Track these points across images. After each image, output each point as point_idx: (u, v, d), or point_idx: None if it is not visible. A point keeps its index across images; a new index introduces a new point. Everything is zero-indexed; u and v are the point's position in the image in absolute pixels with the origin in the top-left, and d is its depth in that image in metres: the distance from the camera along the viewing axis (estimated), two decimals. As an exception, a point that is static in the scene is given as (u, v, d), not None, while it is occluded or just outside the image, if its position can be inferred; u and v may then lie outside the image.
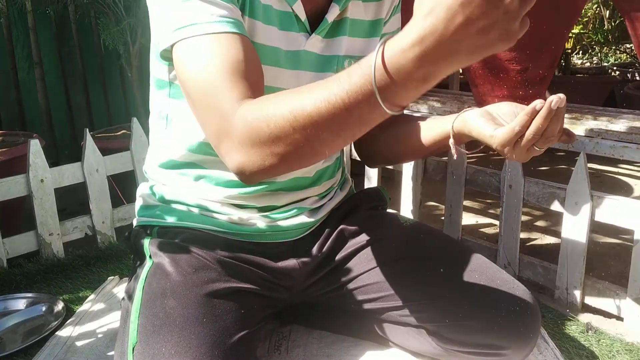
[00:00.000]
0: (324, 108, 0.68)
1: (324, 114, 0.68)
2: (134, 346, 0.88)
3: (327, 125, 0.69)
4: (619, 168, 2.69)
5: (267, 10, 0.94)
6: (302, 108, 0.70)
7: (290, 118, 0.70)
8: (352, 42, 1.05)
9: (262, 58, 0.90)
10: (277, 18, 0.96)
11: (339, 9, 0.99)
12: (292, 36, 0.97)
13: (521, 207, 1.50)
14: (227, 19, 0.83)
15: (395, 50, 0.62)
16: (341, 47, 1.03)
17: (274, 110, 0.72)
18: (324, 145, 0.73)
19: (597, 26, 3.94)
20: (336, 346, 1.20)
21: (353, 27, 1.04)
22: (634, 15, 1.42)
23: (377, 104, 0.65)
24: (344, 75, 0.67)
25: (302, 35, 0.99)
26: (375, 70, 0.64)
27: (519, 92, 1.63)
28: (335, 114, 0.68)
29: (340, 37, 1.03)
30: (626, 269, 1.34)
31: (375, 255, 1.12)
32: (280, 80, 0.98)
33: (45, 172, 1.71)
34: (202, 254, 1.00)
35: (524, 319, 1.01)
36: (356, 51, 1.06)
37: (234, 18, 0.84)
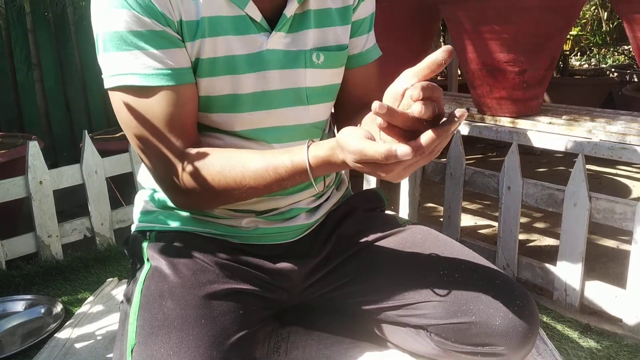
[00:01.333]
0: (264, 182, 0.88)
1: (261, 188, 0.89)
2: (133, 348, 0.88)
3: (257, 192, 0.91)
4: (617, 169, 2.69)
5: (215, 22, 0.92)
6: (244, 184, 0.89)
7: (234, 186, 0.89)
8: (322, 34, 1.03)
9: (218, 69, 0.94)
10: (230, 25, 0.94)
11: (297, 2, 0.97)
12: (250, 39, 0.96)
13: (520, 209, 1.50)
14: (161, 71, 0.89)
15: (314, 159, 0.83)
16: (307, 41, 1.01)
17: (218, 179, 0.90)
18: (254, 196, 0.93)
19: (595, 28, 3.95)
20: (335, 347, 1.20)
21: (319, 18, 1.02)
22: (632, 17, 1.43)
23: (301, 179, 0.86)
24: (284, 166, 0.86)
25: (262, 35, 0.97)
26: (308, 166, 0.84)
27: (517, 93, 1.63)
28: (267, 187, 0.89)
29: (306, 31, 1.01)
30: (625, 270, 1.34)
31: (373, 257, 1.12)
32: (244, 86, 0.97)
33: (44, 173, 1.71)
34: (200, 256, 1.01)
35: (522, 320, 1.01)
36: (329, 41, 1.04)
37: (168, 69, 0.90)
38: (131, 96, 0.90)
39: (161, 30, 0.89)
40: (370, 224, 1.16)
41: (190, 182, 0.91)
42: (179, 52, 0.91)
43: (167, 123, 0.91)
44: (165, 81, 0.90)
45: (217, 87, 0.96)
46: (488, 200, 2.29)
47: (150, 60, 0.89)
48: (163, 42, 0.89)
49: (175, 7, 0.89)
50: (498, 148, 3.05)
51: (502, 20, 1.53)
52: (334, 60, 1.05)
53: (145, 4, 0.87)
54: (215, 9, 0.92)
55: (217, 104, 0.98)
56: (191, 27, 0.91)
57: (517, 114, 1.66)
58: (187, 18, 0.91)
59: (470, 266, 1.07)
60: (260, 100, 0.99)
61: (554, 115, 1.64)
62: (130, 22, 0.87)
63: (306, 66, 1.01)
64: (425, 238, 1.14)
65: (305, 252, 1.11)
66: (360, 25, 1.10)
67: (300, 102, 1.03)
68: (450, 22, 1.74)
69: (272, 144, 1.02)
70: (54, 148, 2.89)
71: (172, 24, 0.90)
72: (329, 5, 1.03)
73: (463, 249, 1.13)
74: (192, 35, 0.92)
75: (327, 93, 1.07)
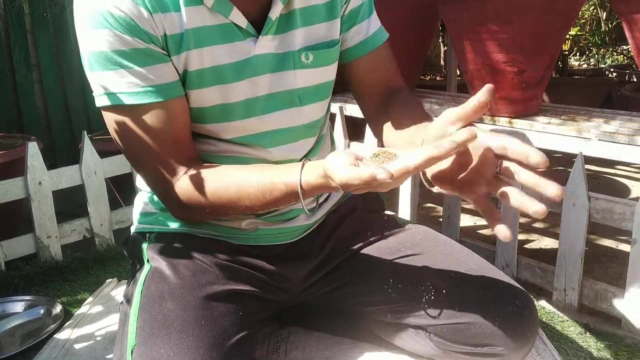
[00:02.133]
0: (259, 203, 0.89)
1: (257, 207, 0.90)
2: (133, 349, 0.88)
3: (254, 211, 0.92)
4: (616, 169, 2.69)
5: (200, 33, 0.91)
6: (239, 203, 0.90)
7: (229, 205, 0.91)
8: (309, 32, 1.01)
9: (206, 81, 0.93)
10: (216, 34, 0.93)
11: (281, 3, 0.95)
12: (237, 46, 0.94)
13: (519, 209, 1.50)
14: (147, 88, 0.89)
15: (306, 184, 0.83)
16: (294, 41, 1.00)
17: (213, 200, 0.91)
18: (251, 212, 0.95)
19: (594, 28, 3.96)
20: (335, 348, 1.20)
21: (306, 16, 1.00)
22: (631, 17, 1.43)
23: (295, 200, 0.86)
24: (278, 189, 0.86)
25: (250, 40, 0.95)
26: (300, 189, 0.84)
27: (516, 93, 1.63)
28: (263, 207, 0.90)
29: (293, 31, 0.99)
30: (624, 270, 1.35)
31: (372, 257, 1.12)
32: (234, 94, 0.96)
33: (43, 174, 1.71)
34: (199, 257, 1.01)
35: (522, 320, 1.01)
36: (319, 38, 1.02)
37: (155, 85, 0.89)
38: (121, 115, 0.91)
39: (145, 47, 0.88)
40: (370, 224, 1.16)
41: (185, 200, 0.93)
42: (165, 67, 0.91)
43: (159, 140, 0.91)
44: (152, 98, 0.89)
45: (206, 98, 0.95)
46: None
47: (136, 79, 0.88)
48: (148, 59, 0.89)
49: (158, 23, 0.88)
50: (497, 148, 3.05)
51: (501, 21, 1.53)
52: (324, 59, 1.04)
53: (126, 22, 0.86)
54: (198, 20, 0.91)
55: (208, 115, 0.97)
56: (176, 40, 0.90)
57: (516, 114, 1.66)
58: (171, 32, 0.90)
59: (469, 266, 1.07)
60: (252, 106, 0.98)
61: (552, 116, 1.64)
62: (113, 41, 0.86)
63: (295, 67, 1.00)
64: (424, 238, 1.14)
65: (305, 253, 1.11)
66: (359, 12, 1.08)
67: (292, 104, 1.02)
68: (449, 22, 1.74)
69: (268, 148, 1.01)
70: (53, 149, 2.90)
71: (156, 40, 0.89)
72: (314, 2, 1.01)
73: (462, 249, 1.13)
74: (177, 49, 0.91)
75: (320, 92, 1.06)
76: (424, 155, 0.70)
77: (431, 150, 0.70)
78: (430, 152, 0.70)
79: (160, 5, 0.88)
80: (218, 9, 0.91)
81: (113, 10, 0.85)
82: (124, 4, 0.86)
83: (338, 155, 0.78)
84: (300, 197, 0.84)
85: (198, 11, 0.90)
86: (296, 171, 0.84)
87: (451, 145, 0.69)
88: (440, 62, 3.85)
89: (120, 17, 0.86)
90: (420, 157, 0.70)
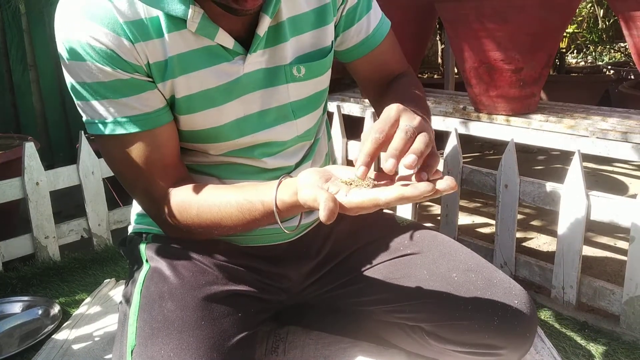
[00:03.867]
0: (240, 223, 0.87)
1: (240, 228, 0.89)
2: (133, 349, 0.88)
3: (238, 231, 0.91)
4: (613, 167, 2.69)
5: (185, 59, 0.89)
6: (222, 224, 0.89)
7: (213, 227, 0.90)
8: (299, 41, 0.98)
9: (196, 106, 0.92)
10: (202, 58, 0.90)
11: (269, 17, 0.91)
12: (225, 68, 0.91)
13: (517, 207, 1.50)
14: (134, 117, 0.88)
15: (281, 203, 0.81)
16: (285, 54, 0.96)
17: (197, 221, 0.90)
18: (235, 232, 0.93)
19: (591, 25, 3.96)
20: (333, 347, 1.20)
21: (295, 26, 0.96)
22: (628, 14, 1.43)
23: (274, 220, 0.84)
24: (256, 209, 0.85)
25: (238, 59, 0.92)
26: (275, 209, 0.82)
27: (513, 91, 1.63)
28: (245, 227, 0.88)
29: (283, 44, 0.95)
30: (622, 267, 1.35)
31: (371, 256, 1.12)
32: (225, 115, 0.95)
33: (40, 174, 1.71)
34: (199, 257, 1.01)
35: (521, 319, 1.01)
36: (307, 47, 0.99)
37: (141, 114, 0.88)
38: (109, 142, 0.90)
39: (129, 77, 0.86)
40: (369, 223, 1.16)
41: (174, 222, 0.93)
42: (151, 95, 0.89)
43: (148, 166, 0.91)
44: (139, 127, 0.89)
45: (198, 122, 0.94)
46: (485, 199, 2.29)
47: (122, 108, 0.87)
48: (132, 89, 0.87)
49: (140, 52, 0.86)
50: (494, 146, 3.06)
51: (499, 18, 1.53)
52: (316, 70, 1.01)
53: (108, 54, 0.84)
54: (182, 46, 0.88)
55: (200, 136, 0.96)
56: (159, 68, 0.88)
57: (513, 112, 1.66)
58: (154, 60, 0.87)
59: (468, 265, 1.07)
60: (245, 125, 0.97)
61: (550, 113, 1.64)
62: (95, 73, 0.85)
63: (287, 81, 0.97)
64: (423, 237, 1.14)
65: (304, 253, 1.11)
66: (357, 9, 1.04)
67: (286, 119, 1.00)
68: (446, 20, 1.74)
69: (262, 159, 1.00)
70: (50, 149, 2.89)
71: (140, 69, 0.87)
72: (303, 10, 0.97)
73: (461, 248, 1.13)
74: (162, 76, 0.89)
75: (313, 103, 1.04)
76: (397, 193, 0.69)
77: (405, 190, 0.69)
78: (404, 191, 0.69)
79: (142, 33, 0.85)
80: (203, 32, 0.88)
81: (92, 42, 0.83)
82: (103, 36, 0.83)
83: (310, 174, 0.77)
84: (276, 217, 0.82)
85: (182, 36, 0.87)
86: (272, 190, 0.82)
87: (426, 187, 0.69)
88: (438, 61, 3.85)
89: (101, 49, 0.83)
90: (393, 194, 0.69)
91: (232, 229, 0.89)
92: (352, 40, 1.07)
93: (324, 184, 0.75)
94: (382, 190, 0.71)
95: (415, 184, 0.70)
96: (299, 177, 0.79)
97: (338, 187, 0.74)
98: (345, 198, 0.72)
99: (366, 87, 1.17)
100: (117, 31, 0.84)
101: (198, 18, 0.86)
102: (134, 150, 0.90)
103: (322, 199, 0.69)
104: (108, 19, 0.83)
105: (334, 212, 0.69)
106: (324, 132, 1.16)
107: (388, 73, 1.14)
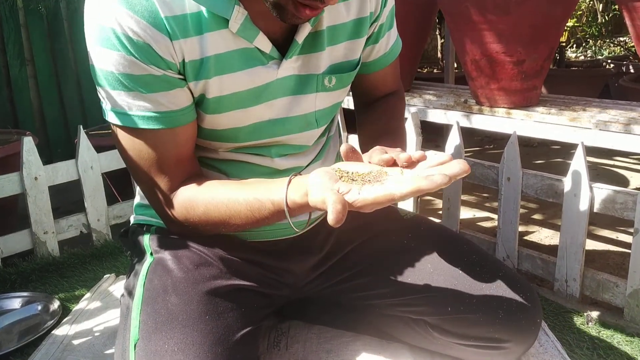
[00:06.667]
0: (249, 221, 0.87)
1: (249, 225, 0.88)
2: (136, 343, 0.87)
3: (245, 229, 0.91)
4: (614, 161, 2.69)
5: (221, 60, 0.86)
6: (230, 221, 0.88)
7: (220, 224, 0.90)
8: (334, 51, 0.97)
9: (224, 106, 0.90)
10: (238, 60, 0.88)
11: (310, 25, 0.90)
12: (259, 71, 0.90)
13: (519, 200, 1.50)
14: (158, 114, 0.85)
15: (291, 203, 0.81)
16: (320, 63, 0.95)
17: (205, 219, 0.90)
18: (244, 230, 0.93)
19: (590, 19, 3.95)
20: (335, 341, 1.19)
21: (333, 35, 0.95)
22: (631, 5, 1.42)
23: (284, 218, 0.84)
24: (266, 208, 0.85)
25: (273, 64, 0.90)
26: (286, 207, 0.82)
27: (515, 84, 1.62)
28: (254, 225, 0.88)
29: (319, 53, 0.94)
30: (624, 260, 1.34)
31: (375, 250, 1.11)
32: (251, 117, 0.93)
33: (39, 169, 1.70)
34: (203, 250, 1.00)
35: (525, 312, 1.01)
36: (339, 58, 0.98)
37: (166, 111, 0.86)
38: (127, 134, 0.88)
39: (161, 74, 0.83)
40: (372, 217, 1.14)
41: (179, 217, 0.92)
42: (179, 92, 0.87)
43: (162, 161, 0.89)
44: (162, 124, 0.86)
45: (222, 122, 0.93)
46: (487, 192, 2.29)
47: (147, 103, 0.84)
48: (162, 85, 0.84)
49: (177, 49, 0.83)
50: (495, 140, 3.05)
51: (500, 11, 1.52)
52: (346, 81, 1.01)
53: (144, 49, 0.80)
54: (221, 46, 0.86)
55: (220, 135, 0.95)
56: (195, 66, 0.86)
57: (515, 105, 1.65)
58: (190, 58, 0.85)
59: (472, 259, 1.06)
60: (266, 128, 0.96)
61: (552, 106, 1.64)
62: (127, 65, 0.81)
63: (317, 90, 0.96)
64: (426, 231, 1.13)
65: (308, 248, 1.10)
66: (383, 26, 1.05)
67: (309, 127, 1.00)
68: (447, 13, 1.73)
69: (275, 158, 0.99)
70: (48, 145, 2.88)
71: (174, 66, 0.84)
72: (343, 20, 0.95)
73: (464, 241, 1.12)
74: (196, 75, 0.86)
75: (333, 111, 1.05)
76: (412, 187, 0.69)
77: (420, 182, 0.68)
78: (419, 184, 0.68)
79: (181, 29, 0.82)
80: (243, 34, 0.86)
81: (130, 34, 0.79)
82: (141, 28, 0.79)
83: (320, 175, 0.76)
84: (287, 216, 0.82)
85: (221, 36, 0.85)
86: (282, 189, 0.81)
87: (442, 179, 0.68)
88: (437, 55, 3.84)
89: (138, 42, 0.80)
90: (408, 188, 0.69)
91: (240, 227, 0.89)
92: (372, 55, 1.07)
93: (334, 185, 0.74)
94: (397, 184, 0.70)
95: (430, 177, 0.69)
96: (309, 177, 0.78)
97: (349, 187, 0.73)
98: (359, 196, 0.71)
99: (358, 95, 1.18)
100: (157, 25, 0.80)
101: (241, 19, 0.84)
102: (151, 145, 0.88)
103: (330, 202, 0.69)
104: (149, 11, 0.79)
105: (343, 215, 0.68)
106: (336, 131, 1.16)
107: (385, 89, 1.15)
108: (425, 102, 1.88)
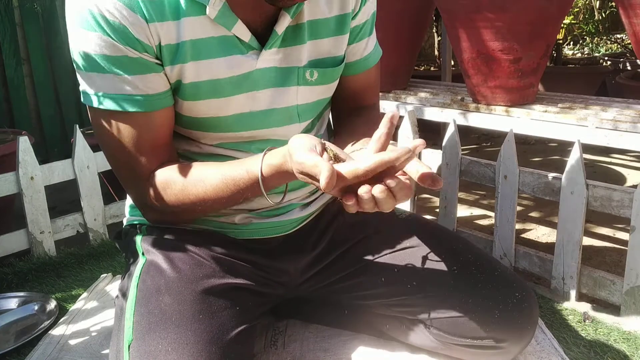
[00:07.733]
0: (225, 195, 0.89)
1: (225, 201, 0.91)
2: (130, 344, 0.87)
3: (222, 205, 0.93)
4: (611, 158, 2.69)
5: (198, 45, 0.87)
6: (206, 197, 0.90)
7: (197, 202, 0.91)
8: (316, 46, 0.97)
9: (202, 93, 0.91)
10: (216, 47, 0.88)
11: (290, 16, 0.90)
12: (237, 60, 0.90)
13: (516, 198, 1.50)
14: (134, 97, 0.86)
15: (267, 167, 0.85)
16: (301, 56, 0.95)
17: (182, 197, 0.91)
18: (220, 208, 0.95)
19: (587, 16, 3.95)
20: (333, 340, 1.19)
21: (314, 29, 0.96)
22: (628, 2, 1.42)
23: (260, 191, 0.86)
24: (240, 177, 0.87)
25: (252, 54, 0.91)
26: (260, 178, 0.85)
27: (512, 82, 1.62)
28: (230, 199, 0.90)
29: (300, 46, 0.95)
30: (621, 257, 1.34)
31: (370, 249, 1.11)
32: (230, 108, 0.93)
33: (35, 169, 1.69)
34: (195, 250, 0.99)
35: (522, 311, 1.01)
36: (323, 53, 0.99)
37: (142, 95, 0.87)
38: (102, 116, 0.89)
39: (137, 57, 0.85)
40: (367, 216, 1.15)
41: (157, 201, 0.93)
42: (155, 77, 0.88)
43: (138, 147, 0.90)
44: (137, 107, 0.87)
45: (200, 110, 0.93)
46: (484, 191, 2.29)
47: (124, 86, 0.86)
48: (138, 68, 0.86)
49: (153, 32, 0.85)
50: (492, 138, 3.05)
51: (497, 8, 1.52)
52: (328, 77, 1.01)
53: (120, 29, 0.82)
54: (199, 31, 0.87)
55: (199, 124, 0.95)
56: (171, 51, 0.87)
57: (512, 103, 1.65)
58: (166, 42, 0.86)
59: (468, 258, 1.06)
60: (248, 120, 0.96)
61: (549, 104, 1.64)
62: (104, 45, 0.83)
63: (299, 84, 0.97)
64: (423, 230, 1.13)
65: (302, 247, 1.09)
66: (361, 29, 1.05)
67: (291, 121, 1.00)
68: (444, 11, 1.72)
69: (257, 154, 0.99)
70: (44, 144, 2.87)
71: (150, 49, 0.86)
72: (324, 15, 0.96)
73: (461, 240, 1.12)
74: (172, 60, 0.87)
75: (317, 107, 1.04)
76: (376, 159, 0.71)
77: (383, 154, 0.72)
78: (382, 156, 0.71)
79: (158, 13, 0.84)
80: (221, 21, 0.87)
81: (107, 15, 0.81)
82: (119, 10, 0.81)
83: (304, 139, 0.78)
84: (260, 184, 0.84)
85: (199, 22, 0.86)
86: (258, 158, 0.84)
87: (404, 151, 0.71)
88: (434, 53, 3.83)
89: (114, 23, 0.82)
90: (372, 159, 0.71)
91: (216, 202, 0.90)
92: (347, 57, 1.06)
93: (318, 150, 0.77)
94: (361, 160, 0.73)
95: (393, 148, 0.74)
96: (291, 141, 0.80)
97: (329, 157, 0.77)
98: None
99: (336, 104, 1.16)
100: (133, 7, 0.82)
101: (219, 6, 0.85)
102: (127, 128, 0.89)
103: (324, 166, 0.70)
104: None
105: (334, 177, 0.70)
106: (326, 132, 1.16)
107: (361, 101, 1.14)
108: (421, 100, 1.87)
